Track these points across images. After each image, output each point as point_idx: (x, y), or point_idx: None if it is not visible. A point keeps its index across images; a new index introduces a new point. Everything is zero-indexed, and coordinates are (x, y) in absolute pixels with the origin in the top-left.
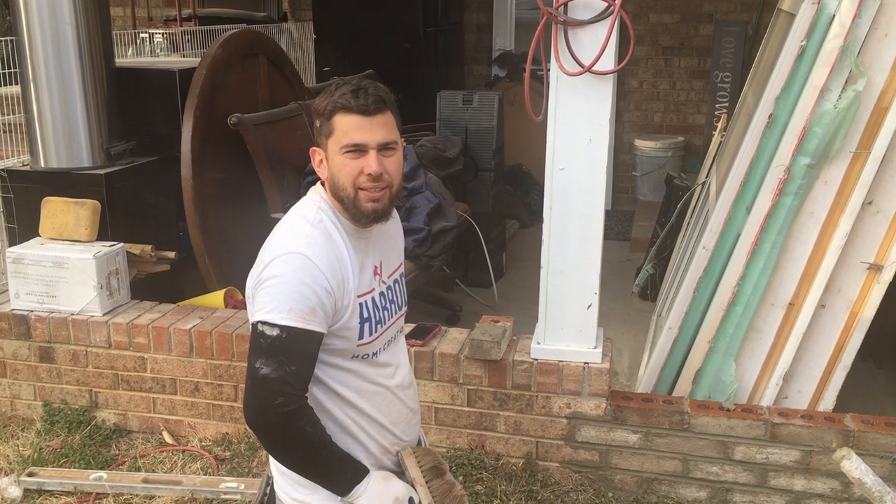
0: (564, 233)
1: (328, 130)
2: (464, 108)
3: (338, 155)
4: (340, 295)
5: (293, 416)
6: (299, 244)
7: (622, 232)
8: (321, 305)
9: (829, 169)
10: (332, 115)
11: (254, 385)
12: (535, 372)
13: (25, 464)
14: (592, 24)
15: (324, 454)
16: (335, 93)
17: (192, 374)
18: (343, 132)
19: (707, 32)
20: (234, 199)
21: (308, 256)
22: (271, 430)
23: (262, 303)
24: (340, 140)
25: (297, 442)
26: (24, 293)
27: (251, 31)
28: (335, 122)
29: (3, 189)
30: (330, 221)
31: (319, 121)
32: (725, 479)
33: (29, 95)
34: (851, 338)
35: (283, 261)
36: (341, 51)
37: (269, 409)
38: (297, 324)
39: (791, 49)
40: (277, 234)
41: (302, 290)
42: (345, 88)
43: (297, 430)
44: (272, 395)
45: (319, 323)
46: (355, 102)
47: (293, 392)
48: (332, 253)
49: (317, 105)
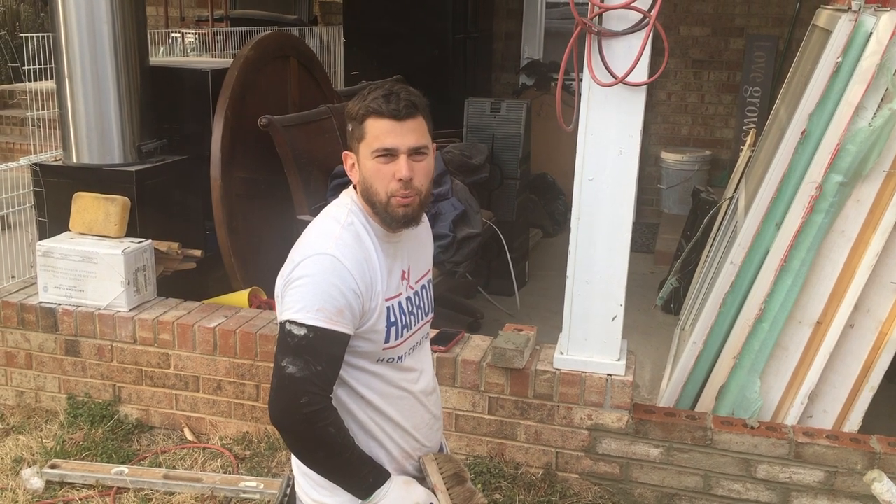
0: (591, 243)
1: (360, 134)
2: (491, 115)
3: (369, 159)
4: (368, 297)
5: (317, 415)
6: (329, 245)
7: (646, 244)
8: (349, 307)
9: (861, 187)
10: (364, 119)
11: (279, 384)
12: (557, 382)
13: (48, 456)
14: (627, 35)
15: (346, 456)
16: (367, 97)
17: (215, 372)
18: (374, 136)
19: (738, 47)
20: (262, 199)
21: (338, 258)
22: (295, 428)
23: (290, 302)
24: (372, 144)
25: (320, 442)
26: (53, 287)
27: (283, 34)
28: (367, 127)
29: (34, 183)
30: (360, 224)
31: (352, 125)
32: (747, 497)
33: (63, 91)
34: (879, 359)
35: (312, 261)
36: (370, 55)
37: (294, 409)
38: (324, 324)
39: (826, 65)
40: (308, 235)
41: (330, 291)
42: (377, 93)
43: (320, 430)
44: (297, 395)
45: (346, 324)
46: (387, 107)
47: (318, 392)
48: (362, 255)
49: (349, 109)
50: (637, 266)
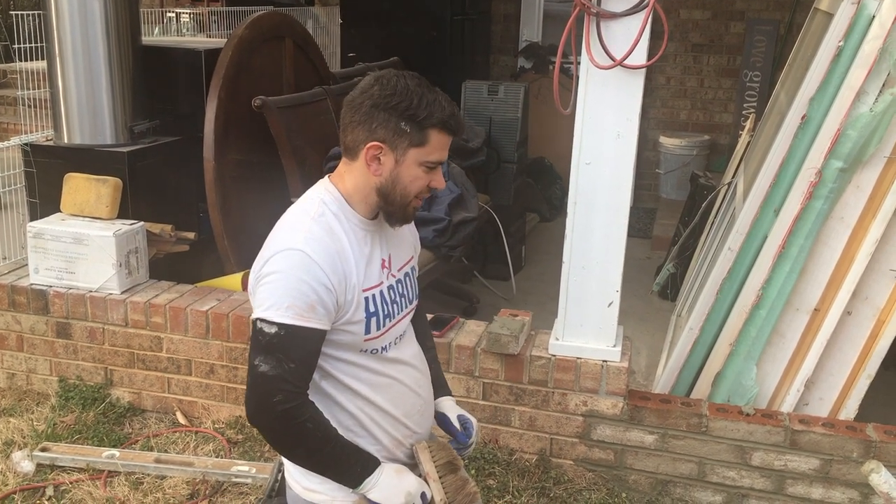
0: (588, 228)
1: (418, 139)
2: (489, 98)
3: (416, 166)
4: (343, 290)
5: (292, 413)
6: (297, 240)
7: (643, 230)
8: (320, 302)
9: (861, 173)
10: (430, 127)
11: (253, 382)
12: (552, 368)
13: (39, 439)
14: (626, 16)
15: (327, 449)
16: (433, 104)
17: (207, 355)
18: (435, 148)
19: (738, 31)
20: (256, 181)
21: (307, 253)
22: (271, 426)
23: (260, 300)
24: (430, 154)
25: (298, 438)
26: (44, 268)
27: (278, 14)
28: (430, 136)
29: (25, 163)
30: (332, 215)
31: (408, 125)
32: (742, 484)
33: (54, 71)
34: (877, 346)
35: (281, 257)
36: (367, 37)
37: (268, 407)
38: (295, 321)
39: (828, 49)
40: (278, 230)
41: (300, 287)
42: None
43: (296, 426)
44: (271, 393)
45: (319, 320)
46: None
47: (291, 389)
48: (333, 248)
49: (405, 107)
50: (634, 251)
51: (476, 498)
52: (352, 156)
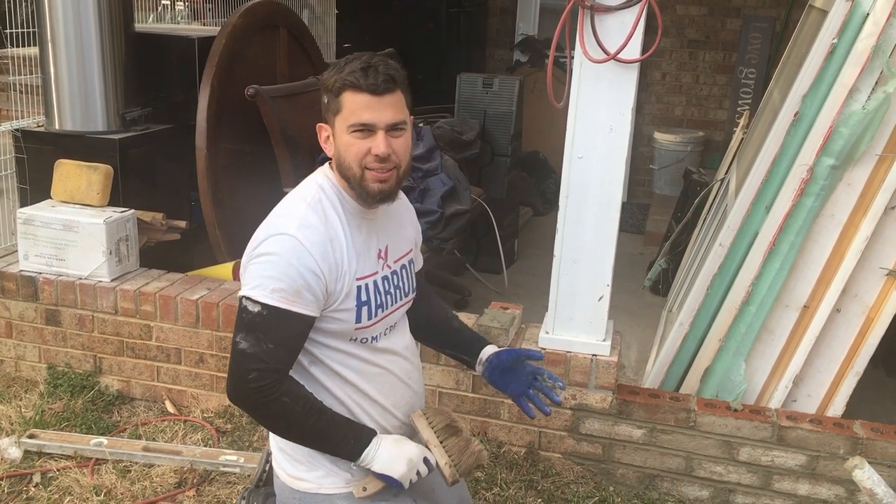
0: (579, 222)
1: (336, 108)
2: (483, 91)
3: (345, 134)
4: (333, 279)
5: (266, 390)
6: (292, 226)
7: (636, 225)
8: (308, 288)
9: (853, 171)
10: (341, 92)
11: (233, 358)
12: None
13: (27, 425)
14: (620, 10)
15: (311, 423)
16: (344, 68)
17: (197, 344)
18: (351, 111)
19: (734, 27)
20: (248, 171)
21: (299, 239)
22: (246, 401)
23: (249, 278)
24: (348, 119)
25: (276, 413)
26: (34, 255)
27: (272, 3)
28: (343, 100)
29: (16, 149)
30: (329, 202)
31: (327, 97)
32: (729, 479)
33: (46, 56)
34: (865, 343)
35: (274, 240)
36: (363, 28)
37: (243, 383)
38: (279, 304)
39: (821, 47)
40: (275, 213)
41: (288, 272)
42: (354, 65)
43: (272, 403)
44: (246, 370)
45: (306, 306)
46: (364, 81)
47: (266, 368)
48: (326, 236)
49: (325, 80)
50: (626, 247)
51: (481, 456)
52: None
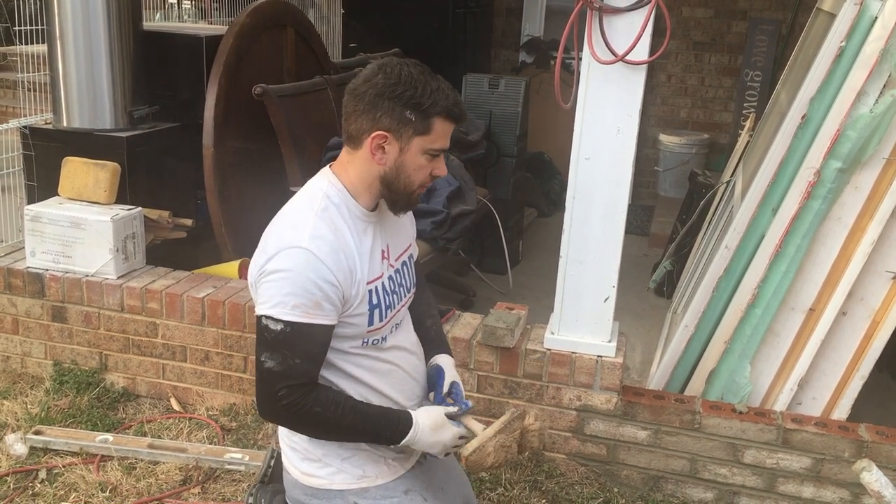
0: (586, 223)
1: (422, 128)
2: (489, 91)
3: (420, 154)
4: (348, 286)
5: (296, 405)
6: (303, 238)
7: (641, 227)
8: (327, 299)
9: (860, 174)
10: (433, 115)
11: (259, 377)
12: (547, 362)
13: (33, 422)
14: (629, 12)
15: (346, 423)
16: (437, 92)
17: (202, 342)
18: (438, 136)
19: (740, 30)
20: (255, 169)
21: (312, 251)
22: (279, 417)
23: (266, 296)
24: (433, 143)
25: (309, 423)
26: (41, 252)
27: (280, 2)
28: (434, 124)
29: (24, 146)
30: (335, 208)
31: (412, 113)
32: (733, 481)
33: (55, 54)
34: (871, 347)
35: (287, 255)
36: (369, 28)
37: (273, 401)
38: (301, 319)
39: (829, 50)
40: (281, 223)
41: (306, 286)
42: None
43: (303, 414)
44: (275, 388)
45: (326, 316)
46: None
47: (295, 384)
48: (338, 244)
49: (410, 95)
50: (631, 248)
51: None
52: (355, 145)
